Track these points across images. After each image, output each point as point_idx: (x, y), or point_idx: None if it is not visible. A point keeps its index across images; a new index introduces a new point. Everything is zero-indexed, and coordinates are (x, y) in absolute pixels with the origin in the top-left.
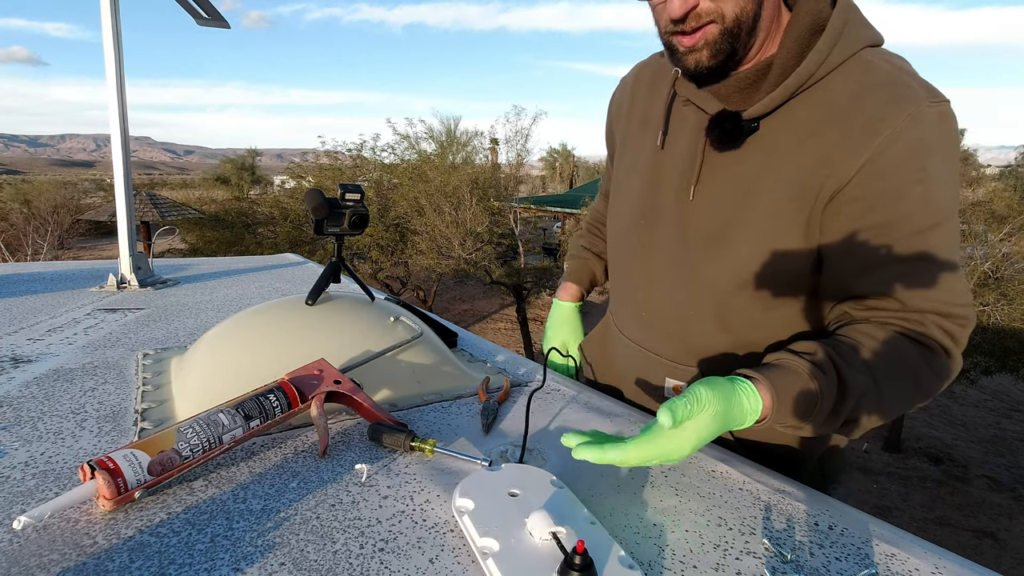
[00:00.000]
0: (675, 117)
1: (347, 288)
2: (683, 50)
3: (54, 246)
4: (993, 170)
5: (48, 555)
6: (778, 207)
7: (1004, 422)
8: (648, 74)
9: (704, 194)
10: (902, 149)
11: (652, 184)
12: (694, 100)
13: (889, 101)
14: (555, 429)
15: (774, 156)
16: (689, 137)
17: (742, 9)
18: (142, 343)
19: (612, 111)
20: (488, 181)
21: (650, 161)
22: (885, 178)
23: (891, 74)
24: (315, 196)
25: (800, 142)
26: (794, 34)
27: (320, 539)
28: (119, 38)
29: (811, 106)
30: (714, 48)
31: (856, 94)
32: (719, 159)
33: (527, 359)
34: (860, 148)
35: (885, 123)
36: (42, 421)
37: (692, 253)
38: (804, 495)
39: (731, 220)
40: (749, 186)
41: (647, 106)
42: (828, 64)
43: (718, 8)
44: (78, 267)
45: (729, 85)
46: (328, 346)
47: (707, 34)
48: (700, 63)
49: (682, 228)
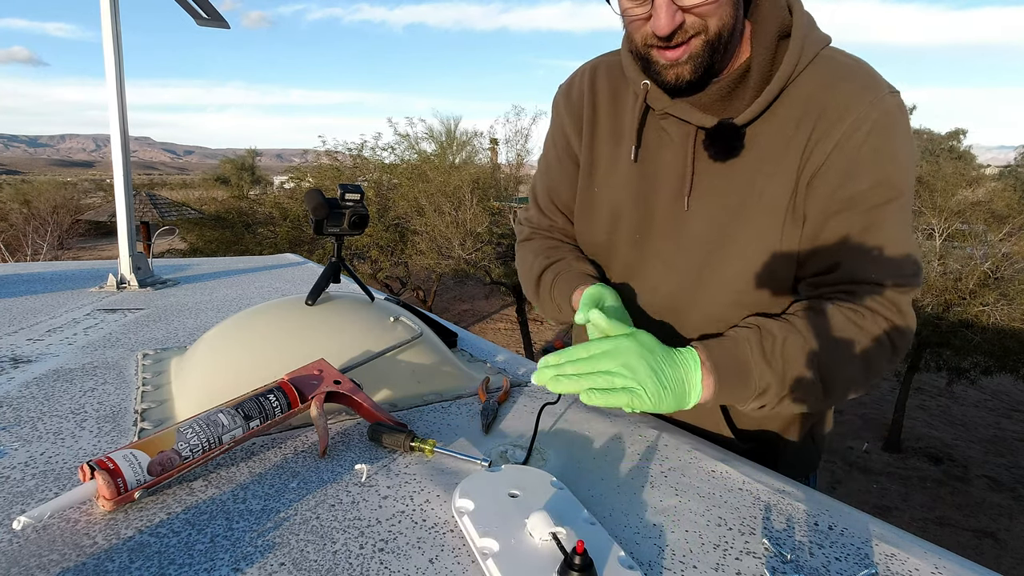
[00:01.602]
0: (651, 130)
1: (347, 288)
2: (664, 64)
3: (54, 246)
4: (993, 170)
5: (48, 555)
6: (775, 204)
7: (1004, 422)
8: (604, 83)
9: (699, 203)
10: (865, 132)
11: (638, 198)
12: (672, 112)
13: (856, 90)
14: (555, 430)
15: (764, 156)
16: (675, 149)
17: (724, 23)
18: (142, 343)
19: (565, 118)
20: (488, 181)
21: (628, 175)
22: (849, 159)
23: (853, 67)
24: (315, 196)
25: (786, 139)
26: (764, 40)
27: (320, 539)
28: (119, 38)
29: (788, 105)
30: (696, 62)
31: (827, 86)
32: (710, 167)
33: (527, 359)
34: (831, 133)
35: (851, 109)
36: (42, 421)
37: (691, 261)
38: (804, 495)
39: (730, 224)
40: (744, 189)
41: (614, 120)
42: (800, 66)
43: (703, 23)
44: (78, 267)
45: (710, 94)
46: (328, 346)
47: (691, 48)
48: (681, 77)
49: (679, 238)
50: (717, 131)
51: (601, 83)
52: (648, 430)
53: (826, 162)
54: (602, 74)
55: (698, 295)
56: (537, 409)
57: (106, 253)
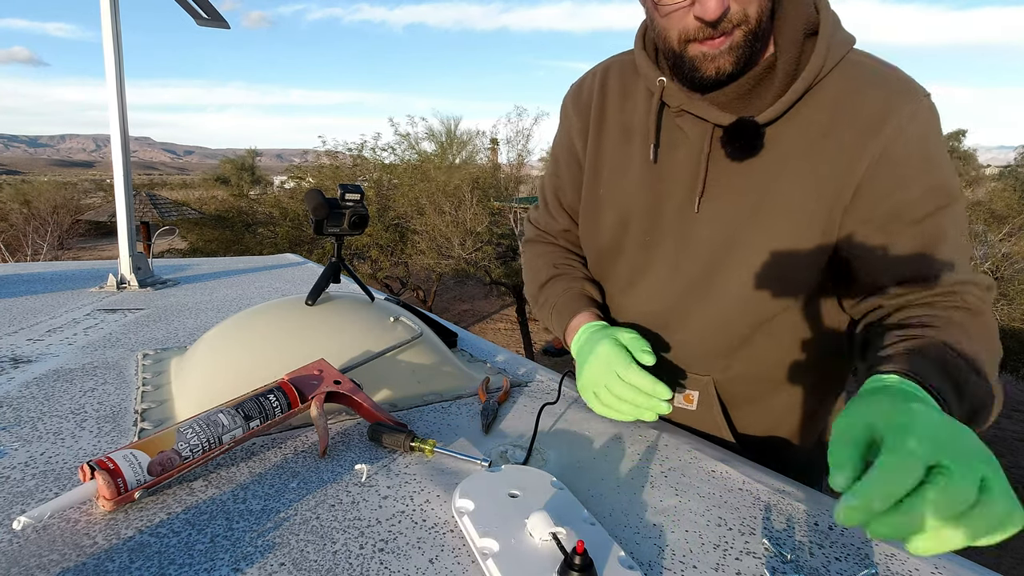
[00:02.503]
0: (665, 129)
1: (347, 288)
2: (704, 56)
3: (54, 246)
4: (993, 170)
5: (48, 555)
6: (795, 209)
7: (1004, 422)
8: (615, 83)
9: (710, 205)
10: (908, 140)
11: (650, 199)
12: (689, 110)
13: (889, 96)
14: (555, 430)
15: (785, 158)
16: (689, 148)
17: (762, 10)
18: (142, 343)
19: (573, 119)
20: (488, 181)
21: (641, 175)
22: (896, 168)
23: (881, 72)
24: (315, 196)
25: (811, 143)
26: (790, 36)
27: (320, 539)
28: (119, 38)
29: (814, 107)
30: (737, 53)
31: (856, 91)
32: (726, 168)
33: (527, 359)
34: (870, 143)
35: (891, 117)
36: (42, 421)
37: (700, 266)
38: (804, 495)
39: (742, 228)
40: (761, 192)
41: (625, 116)
42: (827, 66)
43: (744, 13)
44: (78, 267)
45: (729, 91)
46: (328, 346)
47: (732, 39)
48: (722, 70)
49: (687, 242)
50: (736, 129)
51: (612, 83)
52: (648, 430)
53: (868, 173)
54: (614, 74)
55: (704, 301)
56: (537, 409)
57: (106, 253)
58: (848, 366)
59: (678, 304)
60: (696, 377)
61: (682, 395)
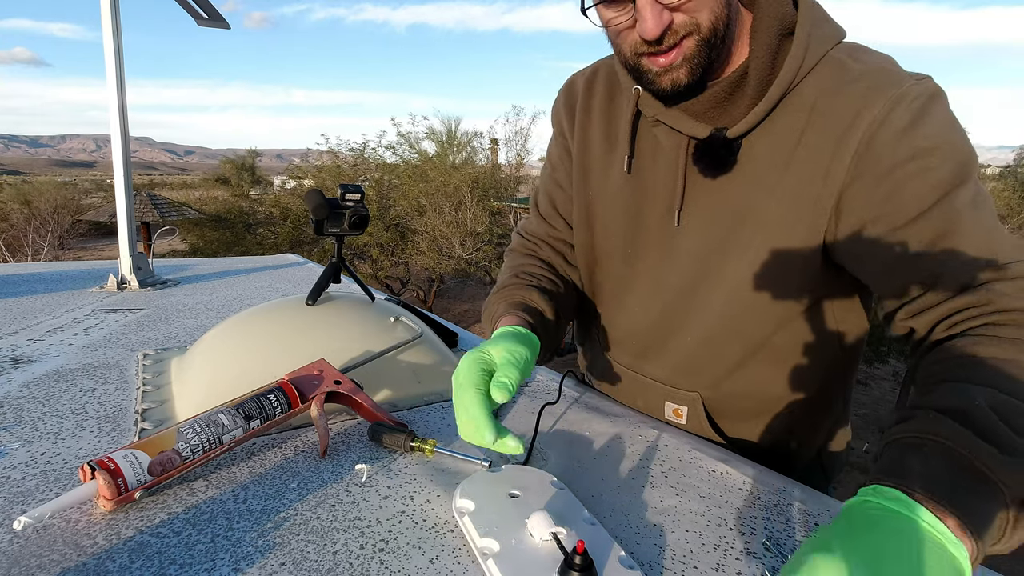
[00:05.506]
0: (644, 138)
1: (347, 288)
2: (657, 70)
3: (54, 246)
4: (993, 170)
5: (48, 555)
6: (774, 221)
7: None
8: (602, 86)
9: (691, 218)
10: (892, 128)
11: (630, 212)
12: (664, 120)
13: (867, 90)
14: (555, 430)
15: (762, 170)
16: (665, 160)
17: (717, 16)
18: (142, 343)
19: (564, 121)
20: (488, 181)
21: (620, 186)
22: (881, 162)
23: (866, 66)
24: (315, 196)
25: (788, 152)
26: (763, 39)
27: (320, 539)
28: (119, 38)
29: (789, 113)
30: (692, 64)
31: (834, 92)
32: (703, 181)
33: None
34: (845, 142)
35: (866, 110)
36: (42, 421)
37: (683, 279)
38: (804, 495)
39: (724, 241)
40: (739, 204)
41: (609, 124)
42: (803, 69)
43: (693, 19)
44: (78, 267)
45: (703, 101)
46: (328, 346)
47: (684, 50)
48: (678, 82)
49: (670, 255)
50: (707, 145)
51: (598, 86)
52: (648, 430)
53: (850, 176)
54: (601, 77)
55: (689, 316)
56: (537, 409)
57: (106, 253)
58: (852, 369)
59: (662, 319)
60: (683, 393)
61: (671, 409)
